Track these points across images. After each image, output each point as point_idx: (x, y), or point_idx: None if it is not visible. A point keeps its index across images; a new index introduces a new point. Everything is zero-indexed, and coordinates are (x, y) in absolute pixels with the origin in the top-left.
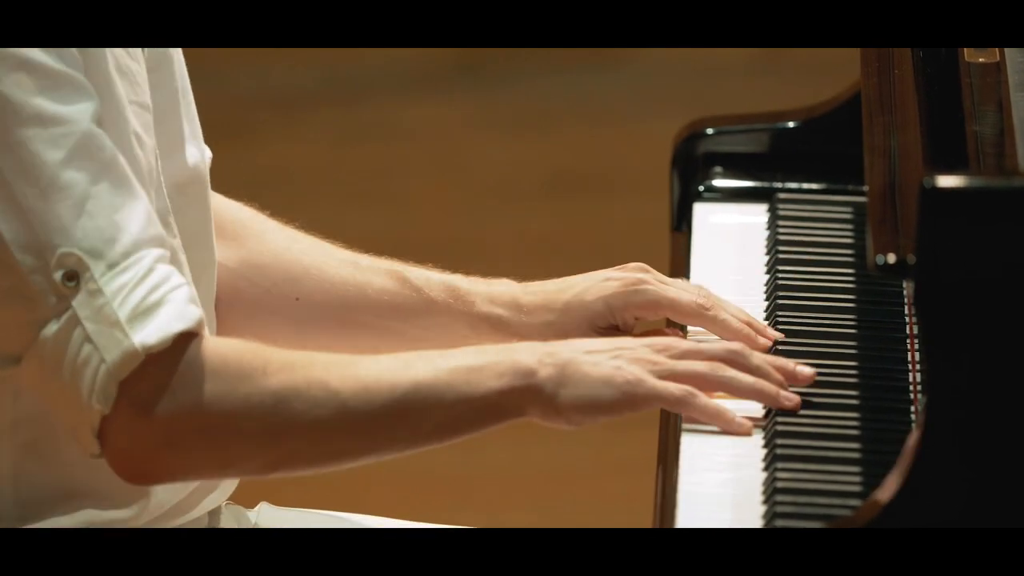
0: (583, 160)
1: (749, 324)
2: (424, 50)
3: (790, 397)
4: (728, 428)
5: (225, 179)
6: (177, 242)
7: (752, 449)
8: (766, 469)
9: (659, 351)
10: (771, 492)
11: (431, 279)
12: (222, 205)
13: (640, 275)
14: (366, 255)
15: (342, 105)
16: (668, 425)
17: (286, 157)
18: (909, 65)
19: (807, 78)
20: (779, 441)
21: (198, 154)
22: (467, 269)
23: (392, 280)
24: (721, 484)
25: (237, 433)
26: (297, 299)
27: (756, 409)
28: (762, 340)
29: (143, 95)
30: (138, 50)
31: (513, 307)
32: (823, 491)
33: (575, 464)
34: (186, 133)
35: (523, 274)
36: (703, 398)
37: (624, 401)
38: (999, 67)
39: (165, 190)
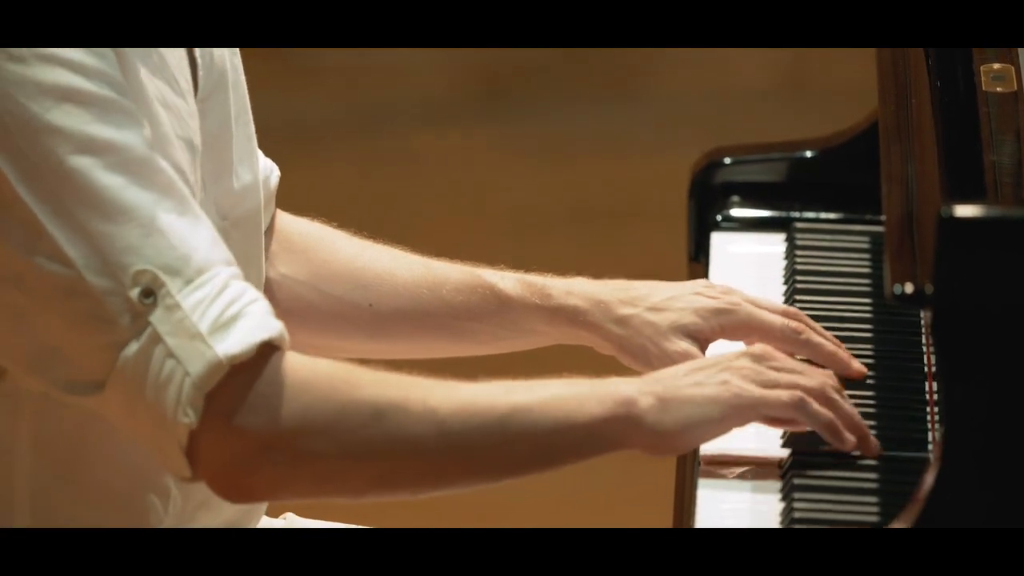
0: (603, 190)
1: (838, 352)
2: (446, 80)
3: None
4: (838, 441)
5: None
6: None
7: (769, 478)
8: (784, 499)
9: (758, 359)
10: (789, 522)
11: (505, 276)
12: (289, 221)
13: (731, 297)
14: (437, 259)
15: (363, 134)
16: (686, 455)
17: (307, 186)
18: (927, 94)
19: (825, 108)
20: (796, 471)
21: (250, 177)
22: None
23: (465, 278)
24: (738, 514)
25: (333, 445)
26: (371, 305)
27: (775, 449)
28: (855, 366)
29: (188, 131)
30: (186, 84)
31: (592, 300)
32: (840, 521)
33: (592, 494)
34: (236, 156)
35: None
36: (814, 405)
37: (733, 414)
38: (1016, 97)
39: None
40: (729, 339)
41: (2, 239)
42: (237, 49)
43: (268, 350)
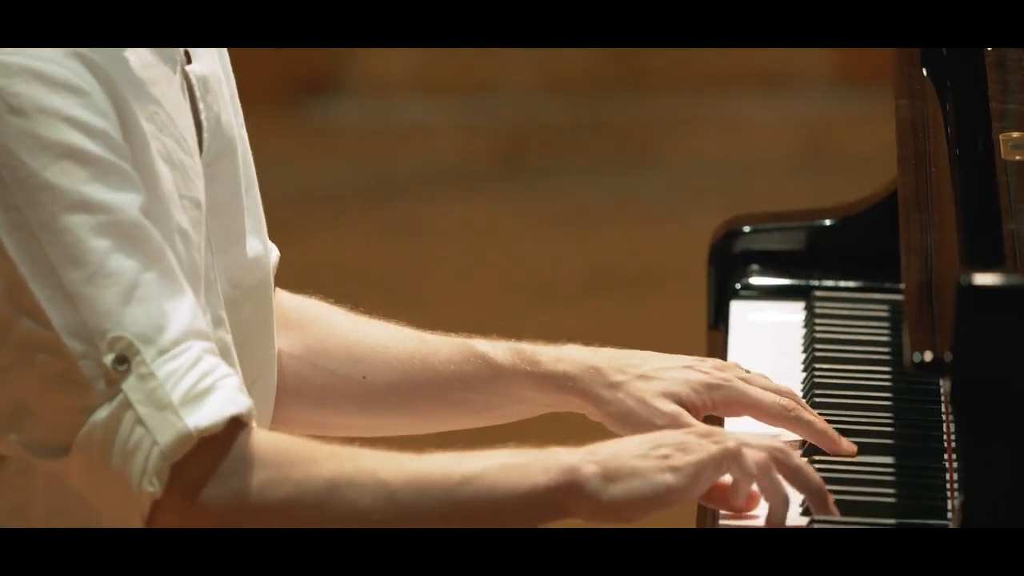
0: (621, 257)
1: (828, 430)
2: (463, 148)
3: (833, 508)
4: (771, 489)
5: None
6: (229, 337)
7: None
8: None
9: (703, 437)
10: None
11: (496, 345)
12: (285, 297)
13: (723, 373)
14: (432, 333)
15: (381, 203)
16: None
17: (325, 255)
18: (946, 163)
19: (844, 176)
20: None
21: (260, 247)
22: None
23: (458, 349)
24: None
25: (289, 521)
26: (364, 378)
27: (795, 517)
28: (844, 445)
29: (195, 190)
30: (193, 143)
31: (582, 366)
32: None
33: None
34: (247, 226)
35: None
36: (747, 456)
37: (678, 488)
38: None
39: (219, 286)
40: (721, 415)
41: None
42: (243, 121)
43: (236, 425)
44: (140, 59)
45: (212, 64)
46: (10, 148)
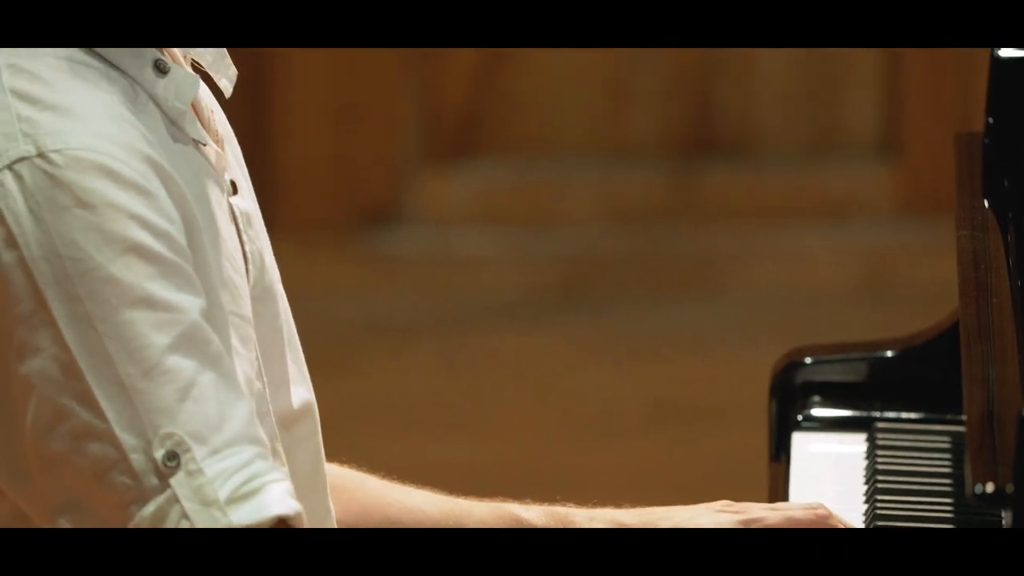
0: (683, 390)
1: None
2: (523, 279)
3: None
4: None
5: (328, 408)
6: (285, 469)
7: None
8: None
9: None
10: None
11: (530, 508)
12: None
13: (753, 512)
14: (464, 498)
15: (442, 333)
16: None
17: (388, 386)
18: (1007, 295)
19: (905, 307)
20: None
21: (308, 395)
22: (566, 499)
23: (492, 511)
24: None
25: None
26: None
27: None
28: None
29: (244, 308)
30: (240, 263)
31: (614, 523)
32: None
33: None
34: (292, 374)
35: (623, 505)
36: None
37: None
38: None
39: (272, 420)
40: None
41: (44, 385)
42: (279, 277)
43: (282, 527)
44: (200, 174)
45: (253, 205)
46: (76, 240)
